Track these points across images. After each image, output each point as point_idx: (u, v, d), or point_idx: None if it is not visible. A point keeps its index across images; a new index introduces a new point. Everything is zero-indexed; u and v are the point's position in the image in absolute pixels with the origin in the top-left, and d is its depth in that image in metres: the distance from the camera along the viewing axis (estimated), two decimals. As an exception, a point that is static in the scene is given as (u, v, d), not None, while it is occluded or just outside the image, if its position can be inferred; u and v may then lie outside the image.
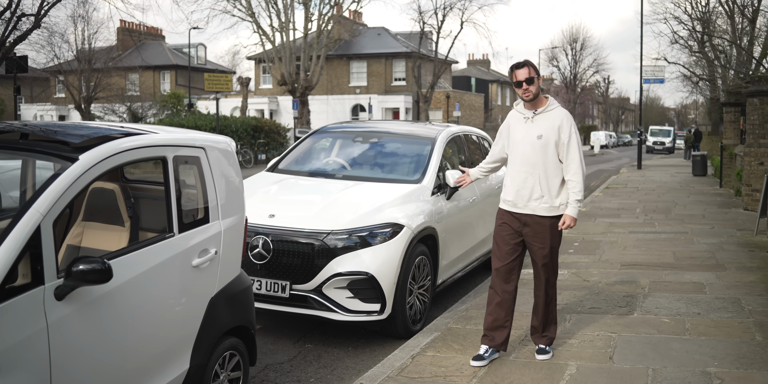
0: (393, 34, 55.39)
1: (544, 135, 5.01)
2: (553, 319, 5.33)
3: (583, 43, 70.38)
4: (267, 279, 5.86)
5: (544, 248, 5.11)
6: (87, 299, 3.35)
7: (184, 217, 4.04)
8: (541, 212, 5.06)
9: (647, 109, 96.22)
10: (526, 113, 5.13)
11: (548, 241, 5.10)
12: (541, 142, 5.01)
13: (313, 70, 37.83)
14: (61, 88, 52.62)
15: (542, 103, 5.09)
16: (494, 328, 5.18)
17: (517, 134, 5.16)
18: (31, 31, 20.89)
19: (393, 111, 51.44)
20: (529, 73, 4.99)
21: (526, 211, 5.09)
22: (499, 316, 5.17)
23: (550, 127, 5.02)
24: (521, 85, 5.00)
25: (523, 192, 5.07)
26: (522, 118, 5.16)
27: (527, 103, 5.10)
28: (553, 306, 5.31)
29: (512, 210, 5.15)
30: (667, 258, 9.01)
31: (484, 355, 5.17)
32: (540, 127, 5.04)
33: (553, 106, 5.11)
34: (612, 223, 12.31)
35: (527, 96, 5.02)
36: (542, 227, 5.07)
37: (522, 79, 4.99)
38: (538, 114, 5.08)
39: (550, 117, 5.06)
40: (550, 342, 5.33)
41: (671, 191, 18.49)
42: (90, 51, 41.97)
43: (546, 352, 5.26)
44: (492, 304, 5.18)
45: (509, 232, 5.16)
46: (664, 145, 54.70)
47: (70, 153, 3.46)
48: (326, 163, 7.55)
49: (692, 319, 6.17)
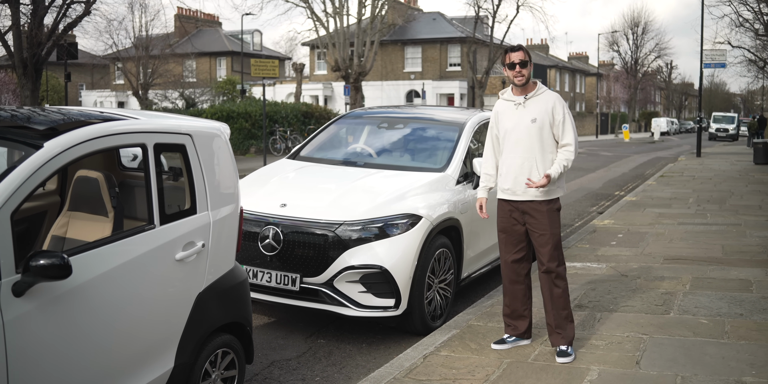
0: (448, 18, 54.65)
1: (539, 118, 4.92)
2: (568, 316, 5.00)
3: (644, 27, 68.35)
4: (277, 271, 5.61)
5: (544, 235, 4.91)
6: (52, 295, 3.13)
7: (167, 208, 3.80)
8: (540, 197, 4.92)
9: (711, 95, 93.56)
10: (516, 99, 5.03)
11: (547, 227, 4.91)
12: (536, 125, 4.91)
13: (367, 56, 37.47)
14: (119, 75, 53.44)
15: (532, 87, 5.04)
16: (515, 317, 5.17)
17: (508, 122, 5.02)
18: (82, 17, 20.99)
19: (448, 97, 50.86)
20: (524, 56, 4.95)
21: (525, 198, 4.94)
22: (516, 307, 5.16)
23: (543, 109, 4.94)
24: (515, 67, 4.94)
25: (520, 178, 4.93)
26: (512, 105, 5.04)
27: (517, 88, 5.02)
28: (562, 301, 4.97)
29: (511, 198, 5.00)
30: (714, 252, 8.48)
31: (507, 340, 5.19)
32: (533, 111, 4.94)
33: (543, 90, 5.04)
34: (661, 214, 11.74)
35: (519, 80, 4.95)
36: (540, 213, 4.91)
37: (517, 61, 4.92)
38: (530, 98, 4.99)
39: (541, 100, 4.98)
40: (568, 342, 4.97)
41: (729, 180, 17.70)
42: (147, 38, 42.45)
43: (566, 355, 4.90)
44: (507, 296, 5.16)
45: (512, 222, 5.03)
46: (728, 132, 52.90)
47: (35, 140, 3.24)
48: (348, 150, 7.25)
49: (733, 321, 5.71)
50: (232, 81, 46.20)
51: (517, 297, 5.12)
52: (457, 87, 50.00)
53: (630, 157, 30.48)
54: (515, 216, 5.00)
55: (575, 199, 15.20)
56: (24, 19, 20.19)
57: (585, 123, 67.58)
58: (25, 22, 20.20)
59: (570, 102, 72.71)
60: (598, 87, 68.21)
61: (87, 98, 57.89)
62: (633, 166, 25.13)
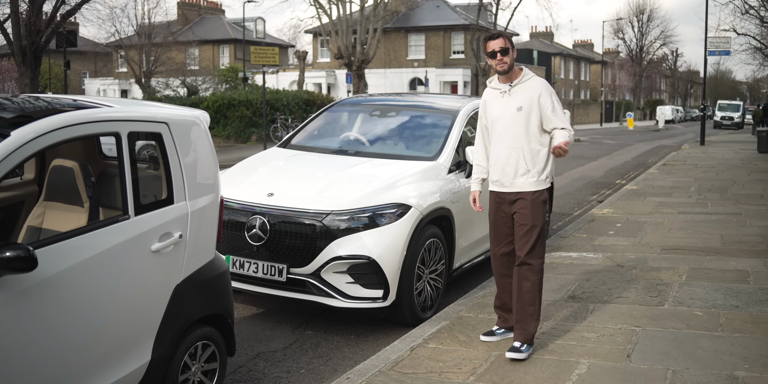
0: (451, 5, 54.31)
1: (525, 106, 4.74)
2: (534, 312, 4.77)
3: (650, 14, 67.93)
4: (264, 261, 5.52)
5: (524, 226, 4.74)
6: (18, 288, 3.04)
7: (143, 198, 3.70)
8: (528, 188, 4.76)
9: (717, 83, 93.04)
10: (501, 87, 4.87)
11: (529, 218, 4.73)
12: (522, 113, 4.74)
13: (370, 44, 37.22)
14: (122, 63, 53.32)
15: (517, 74, 4.86)
16: (504, 310, 5.08)
17: (494, 110, 4.87)
18: (81, 5, 20.88)
19: (451, 84, 50.62)
20: (504, 43, 4.76)
21: (513, 189, 4.79)
22: (506, 300, 5.04)
23: (529, 96, 4.76)
24: (495, 56, 4.75)
25: (507, 169, 4.77)
26: (498, 93, 4.88)
27: (502, 75, 4.86)
28: (530, 296, 4.75)
29: (500, 190, 4.86)
30: (713, 242, 8.37)
31: (496, 332, 5.11)
32: (518, 99, 4.76)
33: (528, 77, 4.85)
34: (661, 203, 11.62)
35: (501, 67, 4.77)
36: (524, 203, 4.75)
37: (497, 50, 4.74)
38: (515, 86, 4.81)
39: (527, 87, 4.80)
40: (526, 339, 4.73)
41: (732, 169, 17.54)
42: (149, 26, 42.27)
43: (518, 351, 4.66)
44: (498, 289, 5.08)
45: (501, 215, 4.90)
46: (733, 120, 52.58)
47: (2, 128, 3.15)
48: (339, 138, 7.14)
49: (728, 313, 5.60)
50: (235, 69, 46.04)
51: (506, 290, 5.00)
52: (460, 75, 49.72)
53: (633, 145, 30.29)
54: (504, 209, 4.85)
55: (576, 187, 15.08)
56: (23, 6, 20.06)
57: (589, 111, 67.28)
58: (24, 10, 20.08)
59: (575, 90, 72.39)
60: (603, 75, 67.83)
61: (90, 86, 57.76)
62: (636, 154, 24.97)
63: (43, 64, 31.19)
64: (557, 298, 6.04)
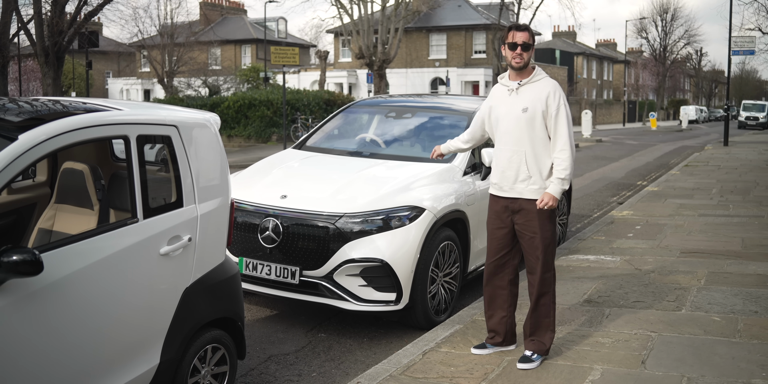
0: (473, 5, 54.17)
1: (530, 107, 4.49)
2: (549, 325, 4.66)
3: (674, 13, 67.46)
4: (277, 264, 5.50)
5: (533, 238, 4.53)
6: (25, 291, 3.04)
7: (152, 201, 3.70)
8: (528, 195, 4.51)
9: (742, 83, 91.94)
10: (510, 85, 4.63)
11: (537, 229, 4.51)
12: (526, 115, 4.49)
13: (391, 43, 37.21)
14: (145, 63, 53.70)
15: (528, 73, 4.60)
16: (495, 324, 4.83)
17: (500, 109, 4.65)
18: (103, 5, 21.05)
19: (473, 84, 50.46)
20: (528, 38, 4.53)
21: (513, 195, 4.56)
22: (495, 313, 4.80)
23: (537, 98, 4.50)
24: (516, 48, 4.50)
25: (508, 173, 4.56)
26: (506, 91, 4.65)
27: (514, 71, 4.60)
28: (546, 309, 4.63)
29: (499, 194, 4.64)
30: (734, 245, 8.25)
31: (487, 345, 4.88)
32: (525, 99, 4.53)
33: (540, 77, 4.60)
34: (682, 205, 11.48)
35: (518, 62, 4.52)
36: (531, 214, 4.51)
37: (520, 42, 4.50)
38: (524, 85, 4.57)
39: (536, 88, 4.55)
40: (539, 349, 4.61)
41: (755, 170, 17.31)
42: (172, 26, 42.57)
43: (529, 361, 4.55)
44: (486, 302, 4.83)
45: (498, 225, 4.66)
46: (758, 121, 51.89)
47: (9, 132, 3.15)
48: (355, 139, 7.11)
49: (747, 319, 5.51)
50: (256, 69, 46.20)
51: (494, 302, 4.77)
52: (482, 74, 49.55)
53: (656, 145, 30.01)
54: (503, 218, 4.62)
55: (596, 188, 14.96)
56: (46, 7, 20.25)
57: (612, 111, 66.78)
58: (47, 11, 20.27)
59: (597, 89, 71.91)
60: (626, 74, 67.33)
61: (113, 86, 58.26)
62: (658, 155, 24.73)
63: (66, 65, 31.45)
64: (573, 303, 5.97)
